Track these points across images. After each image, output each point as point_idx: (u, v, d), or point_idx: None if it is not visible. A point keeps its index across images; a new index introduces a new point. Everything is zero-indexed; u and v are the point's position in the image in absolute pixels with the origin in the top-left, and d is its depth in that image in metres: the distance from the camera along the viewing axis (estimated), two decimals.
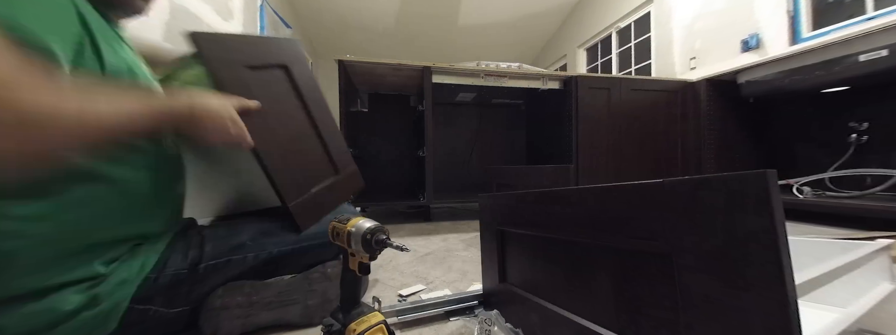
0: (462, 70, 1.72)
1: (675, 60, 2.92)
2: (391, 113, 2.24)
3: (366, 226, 0.46)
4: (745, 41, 2.29)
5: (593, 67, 4.34)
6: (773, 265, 0.24)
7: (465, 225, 1.63)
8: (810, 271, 0.47)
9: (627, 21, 3.62)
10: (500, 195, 0.61)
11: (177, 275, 0.54)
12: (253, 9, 2.71)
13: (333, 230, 0.50)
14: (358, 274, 0.48)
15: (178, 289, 0.54)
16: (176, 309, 0.55)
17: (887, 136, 1.55)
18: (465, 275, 0.90)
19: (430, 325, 0.61)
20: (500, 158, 2.48)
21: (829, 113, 1.75)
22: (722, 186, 0.28)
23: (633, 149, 1.90)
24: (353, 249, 0.47)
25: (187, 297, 0.56)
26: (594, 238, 0.41)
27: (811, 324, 0.35)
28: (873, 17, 1.78)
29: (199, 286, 0.57)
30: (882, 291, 0.53)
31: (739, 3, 2.36)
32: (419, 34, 4.92)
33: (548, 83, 1.87)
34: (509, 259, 0.61)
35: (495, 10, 4.50)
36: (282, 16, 3.43)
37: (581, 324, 0.42)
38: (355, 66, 1.63)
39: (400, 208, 2.14)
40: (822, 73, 1.48)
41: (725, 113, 1.95)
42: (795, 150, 1.91)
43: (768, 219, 0.25)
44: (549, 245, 0.50)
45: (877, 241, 0.62)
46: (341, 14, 4.38)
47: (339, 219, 0.50)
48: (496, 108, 2.45)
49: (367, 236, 0.45)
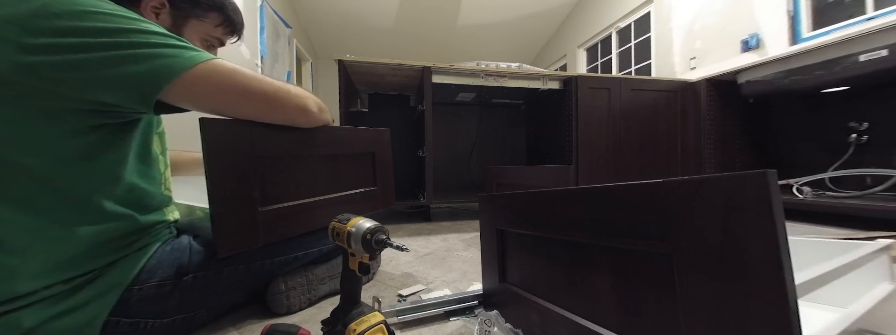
0: (462, 70, 1.72)
1: (675, 60, 2.92)
2: (391, 113, 2.23)
3: (366, 227, 0.46)
4: (745, 41, 2.30)
5: (593, 67, 4.34)
6: (773, 265, 0.24)
7: (465, 225, 1.63)
8: (810, 271, 0.47)
9: (627, 21, 3.62)
10: (499, 195, 0.61)
11: (162, 286, 0.52)
12: (253, 9, 2.71)
13: (333, 230, 0.50)
14: (358, 274, 0.48)
15: (167, 299, 0.53)
16: (169, 318, 0.53)
17: (887, 136, 1.55)
18: (465, 275, 0.90)
19: (430, 325, 0.61)
20: (500, 158, 2.48)
21: (829, 113, 1.75)
22: (722, 186, 0.28)
23: (633, 149, 1.90)
24: (353, 249, 0.46)
25: (180, 307, 0.54)
26: (594, 238, 0.41)
27: (811, 324, 0.35)
28: (873, 17, 1.78)
29: (189, 295, 0.55)
30: (882, 291, 0.53)
31: (739, 4, 2.36)
32: (419, 34, 4.92)
33: (548, 83, 1.87)
34: (509, 259, 0.61)
35: (495, 10, 4.50)
36: (282, 16, 3.43)
37: (581, 324, 0.42)
38: (355, 65, 1.63)
39: (400, 208, 2.14)
40: (822, 73, 1.48)
41: (725, 113, 1.95)
42: (795, 150, 1.91)
43: (768, 220, 0.25)
44: (549, 245, 0.50)
45: (877, 241, 0.61)
46: (341, 14, 4.38)
47: (340, 219, 0.50)
48: (496, 108, 2.45)
49: (366, 236, 0.45)
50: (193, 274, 0.55)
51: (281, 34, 3.40)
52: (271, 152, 0.61)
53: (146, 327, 0.51)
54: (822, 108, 1.78)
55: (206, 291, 0.57)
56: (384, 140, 0.93)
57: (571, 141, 1.82)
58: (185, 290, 0.54)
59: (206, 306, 0.58)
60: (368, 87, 2.12)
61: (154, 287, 0.52)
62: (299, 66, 4.42)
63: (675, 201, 0.31)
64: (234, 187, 0.56)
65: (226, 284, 0.59)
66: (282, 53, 3.41)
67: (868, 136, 1.60)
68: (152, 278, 0.52)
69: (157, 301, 0.52)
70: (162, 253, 0.55)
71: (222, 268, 0.59)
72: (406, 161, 2.18)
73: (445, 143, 2.35)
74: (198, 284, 0.56)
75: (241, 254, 0.60)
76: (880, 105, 1.56)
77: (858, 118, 1.62)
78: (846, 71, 1.41)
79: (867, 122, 1.60)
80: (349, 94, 1.71)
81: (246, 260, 0.61)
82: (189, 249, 0.57)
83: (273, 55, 3.13)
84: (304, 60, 4.61)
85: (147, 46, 0.43)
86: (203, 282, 0.56)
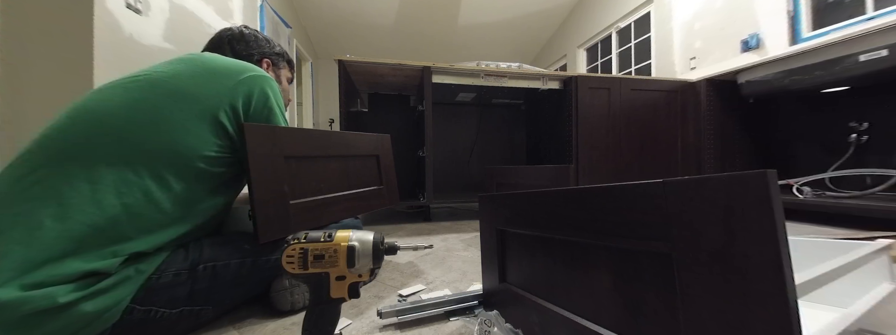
0: (462, 70, 1.72)
1: (675, 60, 2.92)
2: (391, 113, 2.24)
3: (371, 236, 0.41)
4: (745, 41, 2.29)
5: (593, 67, 4.34)
6: (773, 265, 0.24)
7: (465, 225, 1.63)
8: (810, 271, 0.47)
9: (627, 21, 3.62)
10: (499, 195, 0.61)
11: (177, 275, 0.55)
12: (253, 8, 2.70)
13: (306, 254, 0.40)
14: (347, 299, 0.42)
15: (179, 289, 0.55)
16: (177, 309, 0.55)
17: (887, 136, 1.55)
18: (465, 275, 0.90)
19: (430, 325, 0.61)
20: (500, 158, 2.48)
21: (829, 113, 1.75)
22: (722, 186, 0.28)
23: (633, 149, 1.90)
24: (353, 269, 0.41)
25: (189, 298, 0.56)
26: (594, 238, 0.41)
27: (811, 324, 0.35)
28: (873, 17, 1.78)
29: (199, 285, 0.57)
30: (882, 291, 0.53)
31: (739, 3, 2.36)
32: (419, 34, 4.92)
33: (548, 83, 1.87)
34: (509, 259, 0.61)
35: (495, 9, 4.50)
36: (282, 16, 3.43)
37: (581, 324, 0.42)
38: (355, 65, 1.63)
39: (400, 208, 2.14)
40: (822, 73, 1.48)
41: (725, 113, 1.95)
42: (795, 150, 1.91)
43: (768, 219, 0.25)
44: (549, 245, 0.50)
45: (877, 241, 0.62)
46: (341, 14, 4.38)
47: (310, 238, 0.42)
48: (496, 108, 2.45)
49: (379, 246, 0.40)
50: (204, 264, 0.59)
51: (281, 34, 3.40)
52: (296, 153, 0.71)
53: (156, 316, 0.53)
54: (823, 108, 1.78)
55: (213, 283, 0.59)
56: (386, 144, 1.04)
57: (571, 141, 1.82)
58: (196, 280, 0.57)
59: (211, 300, 0.60)
60: (368, 87, 2.12)
61: (170, 275, 0.55)
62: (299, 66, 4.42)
63: (676, 201, 0.31)
64: (271, 183, 0.65)
65: (233, 276, 0.61)
66: None
67: (868, 136, 1.60)
68: (170, 268, 0.55)
69: (171, 289, 0.54)
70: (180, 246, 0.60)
71: (230, 261, 0.61)
72: (406, 161, 2.18)
73: (445, 143, 2.35)
74: (208, 274, 0.59)
75: (250, 249, 0.64)
76: (880, 105, 1.56)
77: (858, 118, 1.62)
78: (846, 71, 1.41)
79: (867, 122, 1.60)
80: (349, 93, 1.72)
81: (253, 254, 0.64)
82: (201, 243, 0.61)
83: None
84: (304, 60, 4.60)
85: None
86: (212, 272, 0.59)
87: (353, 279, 0.42)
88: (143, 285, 0.52)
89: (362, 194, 0.90)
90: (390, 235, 1.42)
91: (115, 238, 0.50)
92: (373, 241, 0.42)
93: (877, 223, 1.34)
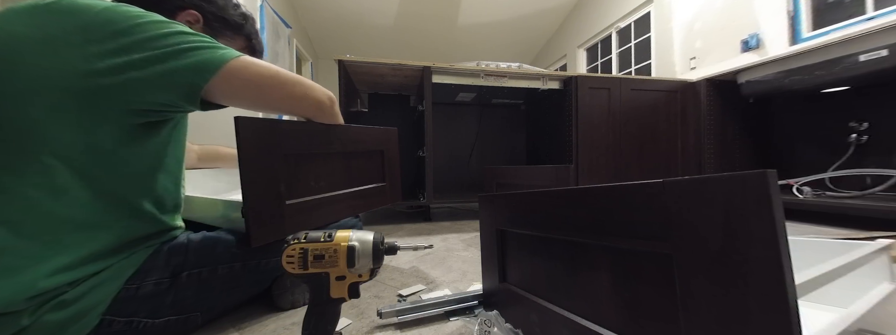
0: (462, 70, 1.72)
1: (675, 60, 2.92)
2: (391, 113, 2.24)
3: (371, 236, 0.41)
4: (746, 41, 2.30)
5: (593, 67, 4.34)
6: (773, 265, 0.24)
7: (465, 225, 1.63)
8: (810, 271, 0.47)
9: (627, 21, 3.62)
10: (499, 195, 0.61)
11: (158, 284, 0.52)
12: (253, 8, 2.70)
13: (306, 254, 0.39)
14: (347, 298, 0.42)
15: (162, 298, 0.53)
16: (162, 318, 0.53)
17: (887, 135, 1.55)
18: (465, 275, 0.90)
19: (430, 325, 0.61)
20: (500, 158, 2.48)
21: (829, 113, 1.75)
22: (722, 186, 0.28)
23: (633, 149, 1.90)
24: (353, 269, 0.41)
25: (173, 306, 0.54)
26: (594, 238, 0.41)
27: (811, 324, 0.35)
28: (873, 17, 1.78)
29: (184, 293, 0.55)
30: (882, 291, 0.53)
31: (739, 3, 2.36)
32: (419, 34, 4.92)
33: (548, 83, 1.87)
34: (509, 259, 0.61)
35: (495, 9, 4.50)
36: (282, 15, 3.43)
37: (581, 324, 0.42)
38: (355, 65, 1.63)
39: (400, 208, 2.14)
40: (822, 73, 1.48)
41: (725, 113, 1.95)
42: (795, 150, 1.91)
43: (768, 220, 0.25)
44: (549, 245, 0.50)
45: (877, 241, 0.61)
46: (341, 14, 4.38)
47: (310, 238, 0.41)
48: (496, 108, 2.45)
49: (379, 246, 0.40)
50: (188, 271, 0.55)
51: (281, 34, 3.40)
52: (294, 150, 0.64)
53: (139, 327, 0.51)
54: (823, 108, 1.78)
55: (200, 290, 0.56)
56: (392, 138, 0.97)
57: (571, 141, 1.82)
58: (180, 288, 0.54)
59: (200, 307, 0.57)
60: (368, 87, 2.12)
61: (151, 285, 0.51)
62: (299, 66, 4.42)
63: (676, 201, 0.31)
64: (265, 182, 0.59)
65: (221, 283, 0.59)
66: (282, 53, 3.41)
67: (868, 136, 1.60)
68: (150, 276, 0.52)
69: (152, 299, 0.52)
70: (161, 251, 0.55)
71: (218, 266, 0.58)
72: (406, 161, 2.18)
73: (445, 143, 2.35)
74: (192, 282, 0.55)
75: (241, 253, 0.60)
76: (880, 105, 1.56)
77: (858, 118, 1.62)
78: (846, 71, 1.41)
79: (867, 122, 1.60)
80: (349, 93, 1.72)
81: (242, 258, 0.61)
82: (186, 247, 0.57)
83: (273, 55, 3.13)
84: (304, 60, 4.61)
85: (189, 44, 0.47)
86: (198, 279, 0.56)
87: (354, 279, 0.42)
88: (117, 296, 0.48)
89: (365, 192, 0.84)
90: (390, 235, 1.42)
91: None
92: (373, 241, 0.42)
93: (877, 223, 1.34)
